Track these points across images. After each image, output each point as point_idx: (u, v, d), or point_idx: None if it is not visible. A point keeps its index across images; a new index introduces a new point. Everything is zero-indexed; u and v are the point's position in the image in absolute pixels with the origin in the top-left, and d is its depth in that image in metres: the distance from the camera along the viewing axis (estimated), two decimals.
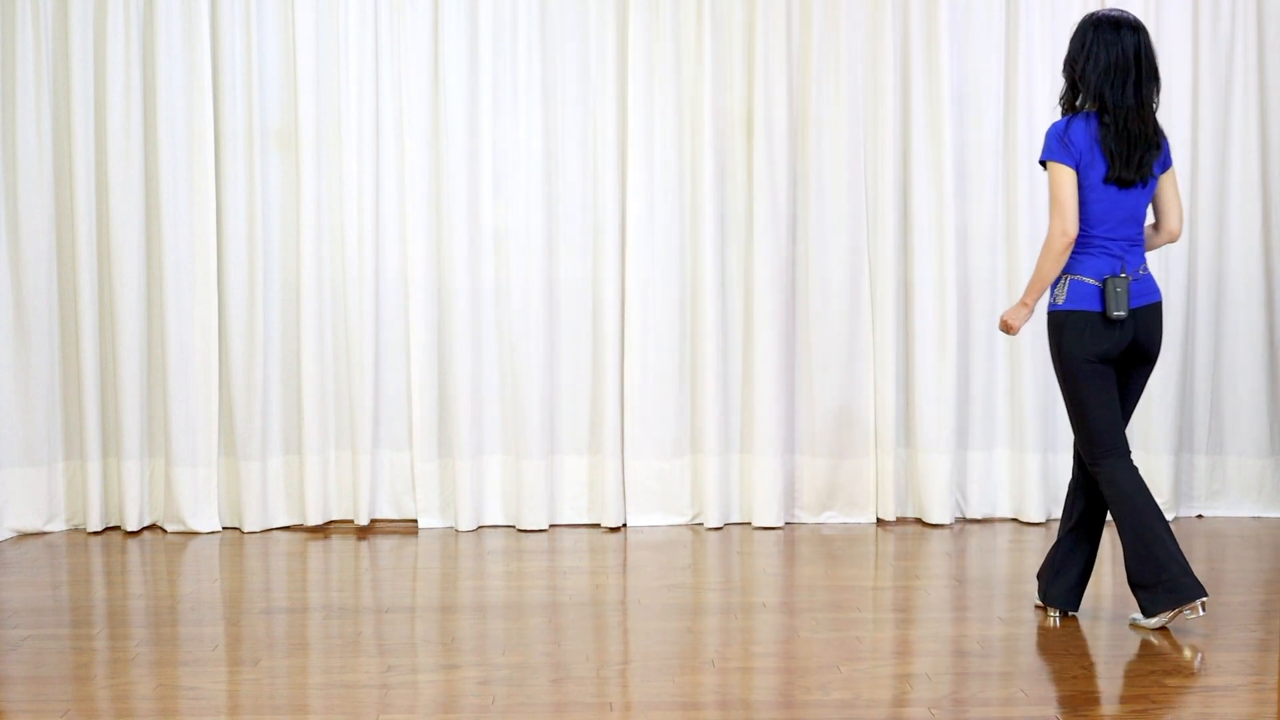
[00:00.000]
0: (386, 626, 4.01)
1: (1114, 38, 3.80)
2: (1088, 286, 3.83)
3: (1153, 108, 3.85)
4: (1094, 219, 3.84)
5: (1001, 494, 5.49)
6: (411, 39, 5.28)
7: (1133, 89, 3.79)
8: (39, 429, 5.29)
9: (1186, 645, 3.75)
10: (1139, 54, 3.81)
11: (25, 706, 3.31)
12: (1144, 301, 3.87)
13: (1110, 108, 3.79)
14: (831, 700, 3.32)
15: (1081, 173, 3.81)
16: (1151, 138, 3.82)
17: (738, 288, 5.40)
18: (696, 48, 5.32)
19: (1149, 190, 3.88)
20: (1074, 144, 3.80)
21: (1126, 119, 3.79)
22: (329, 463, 5.39)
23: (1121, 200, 3.83)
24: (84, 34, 5.21)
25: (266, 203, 5.32)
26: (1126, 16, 3.86)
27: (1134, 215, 3.87)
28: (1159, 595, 3.79)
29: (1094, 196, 3.82)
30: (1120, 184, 3.81)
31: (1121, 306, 3.79)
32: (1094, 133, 3.80)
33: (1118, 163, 3.79)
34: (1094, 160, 3.80)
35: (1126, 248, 3.86)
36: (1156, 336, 3.91)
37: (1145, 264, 3.91)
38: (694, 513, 5.45)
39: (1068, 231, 3.79)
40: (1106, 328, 3.82)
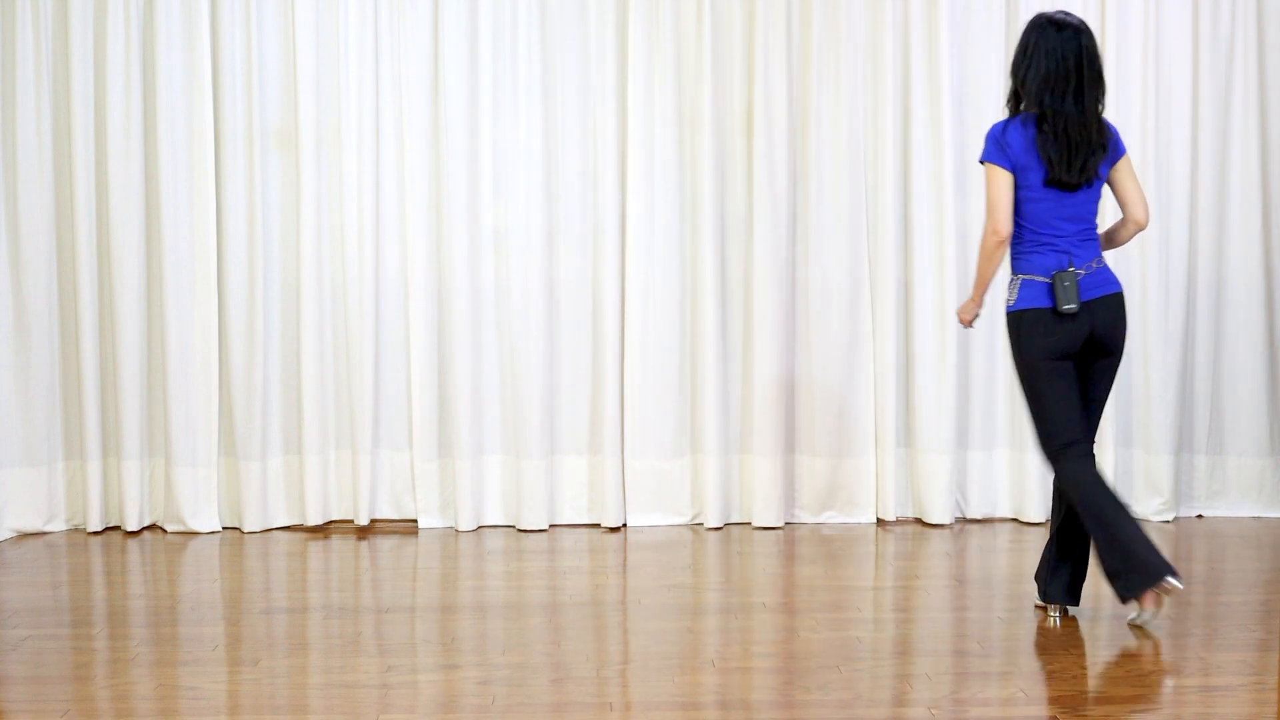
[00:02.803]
0: (386, 626, 4.01)
1: (1056, 43, 3.83)
2: (1038, 284, 3.88)
3: (1097, 111, 3.87)
4: (1038, 219, 3.89)
5: (1001, 494, 5.49)
6: (411, 39, 5.28)
7: (1073, 95, 3.82)
8: (39, 429, 5.29)
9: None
10: (1080, 59, 3.83)
11: (25, 706, 3.31)
12: (1098, 293, 3.89)
13: (1050, 114, 3.83)
14: (831, 700, 3.32)
15: (1020, 175, 3.86)
16: (1095, 140, 3.84)
17: (738, 288, 5.40)
18: (696, 48, 5.32)
19: (1096, 189, 3.92)
20: (1010, 147, 3.85)
21: (1066, 125, 3.82)
22: (329, 463, 5.40)
23: (1066, 201, 3.88)
24: (84, 34, 5.21)
25: (266, 203, 5.32)
26: (1070, 20, 3.88)
27: (1080, 214, 3.90)
28: (1133, 579, 3.80)
29: (1035, 197, 3.87)
30: (1062, 187, 3.86)
31: (1071, 300, 3.82)
32: (1031, 137, 3.84)
33: (1057, 167, 3.83)
34: (1032, 163, 3.85)
35: (1076, 243, 3.90)
36: (1117, 328, 3.92)
37: (1099, 257, 3.93)
38: (694, 513, 5.45)
39: (998, 231, 3.87)
40: (1060, 322, 3.85)
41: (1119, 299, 3.93)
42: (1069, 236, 3.89)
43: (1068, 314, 3.83)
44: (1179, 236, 5.41)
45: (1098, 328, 3.89)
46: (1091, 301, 3.87)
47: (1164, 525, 5.39)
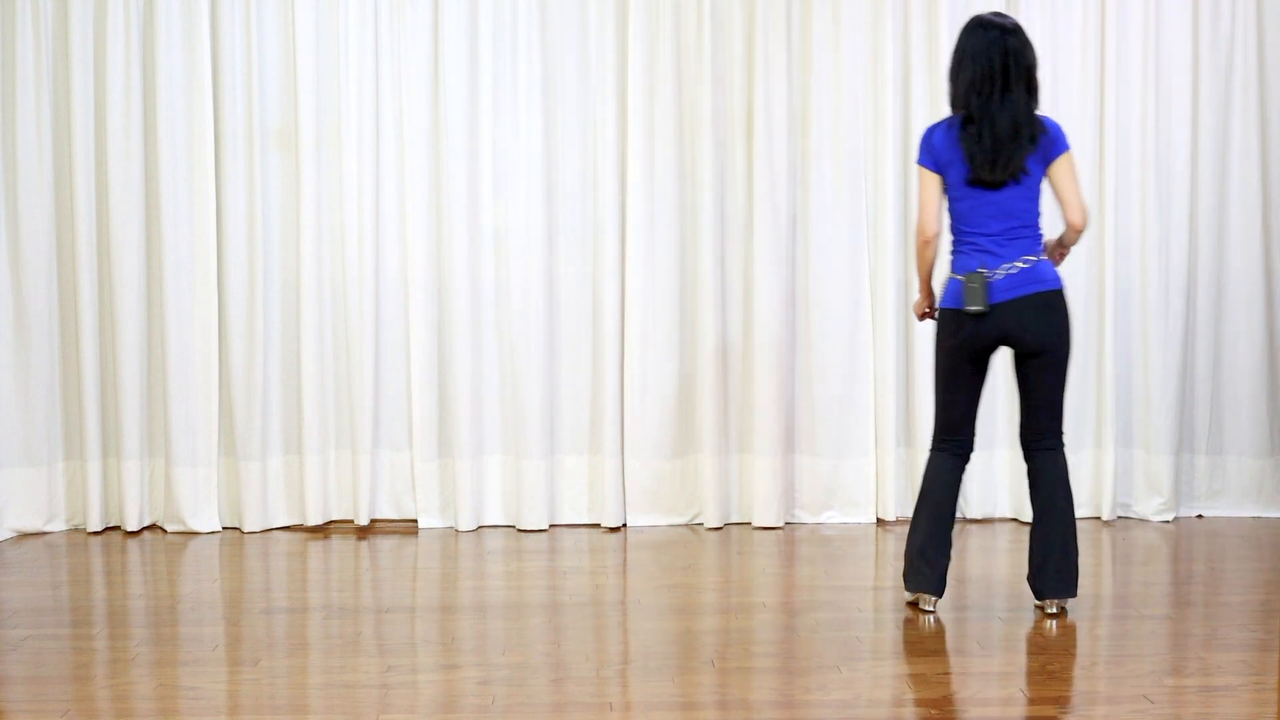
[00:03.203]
0: (386, 626, 4.01)
1: (982, 45, 3.88)
2: (956, 283, 3.95)
3: (1025, 108, 3.87)
4: (963, 218, 3.96)
5: (1001, 494, 5.49)
6: (411, 39, 5.28)
7: (999, 94, 3.86)
8: (39, 429, 5.29)
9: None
10: (1006, 59, 3.86)
11: (25, 706, 3.31)
12: (1016, 294, 3.89)
13: (975, 114, 3.87)
14: (831, 700, 3.32)
15: (945, 175, 3.94)
16: (1022, 136, 3.85)
17: (737, 288, 5.40)
18: (696, 47, 5.32)
19: (1028, 185, 3.91)
20: (934, 148, 3.94)
21: (993, 123, 3.85)
22: (329, 463, 5.40)
23: (990, 199, 3.91)
24: (84, 34, 5.21)
25: (266, 203, 5.32)
26: (998, 20, 3.91)
27: (1007, 212, 3.91)
28: (903, 572, 4.12)
29: (959, 195, 3.94)
30: (985, 185, 3.89)
31: (976, 302, 3.87)
32: (955, 137, 3.90)
33: (978, 165, 3.87)
34: (954, 162, 3.91)
35: (1003, 243, 3.92)
36: (1035, 328, 3.90)
37: (1029, 256, 3.92)
38: (693, 513, 5.45)
39: (923, 231, 3.99)
40: (968, 323, 3.91)
41: (1045, 298, 3.90)
42: (994, 235, 3.92)
43: (974, 315, 3.88)
44: (1179, 236, 5.41)
45: (1012, 329, 3.90)
46: (1007, 303, 3.89)
47: (1164, 525, 5.39)
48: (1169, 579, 4.60)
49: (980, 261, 3.92)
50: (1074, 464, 5.46)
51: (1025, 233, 3.94)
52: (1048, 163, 3.92)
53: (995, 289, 3.89)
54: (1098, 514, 5.47)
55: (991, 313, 3.89)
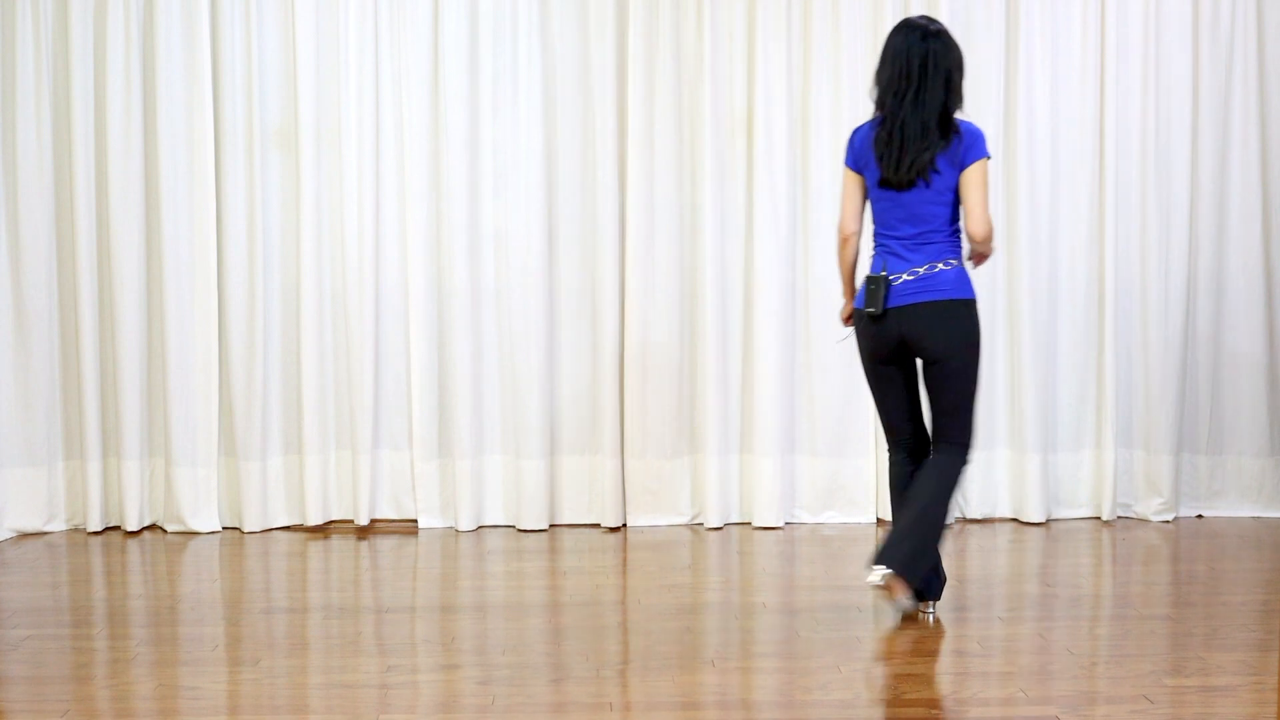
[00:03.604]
0: (386, 626, 4.01)
1: (902, 47, 3.89)
2: (864, 285, 3.97)
3: (939, 111, 3.85)
4: (878, 220, 3.98)
5: (1001, 494, 5.49)
6: (411, 39, 5.28)
7: (912, 96, 3.85)
8: (39, 429, 5.29)
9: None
10: (925, 61, 3.86)
11: (25, 706, 3.31)
12: (911, 300, 3.88)
13: (889, 116, 3.89)
14: (831, 700, 3.32)
15: (864, 175, 3.97)
16: (930, 136, 3.84)
17: (738, 287, 5.40)
18: (696, 48, 5.32)
19: (937, 188, 3.88)
20: (854, 149, 3.97)
21: (901, 125, 3.85)
22: (329, 463, 5.40)
23: (900, 201, 3.91)
24: (84, 34, 5.21)
25: (266, 203, 5.32)
26: (921, 23, 3.91)
27: (916, 215, 3.90)
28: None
29: (874, 197, 3.96)
30: (894, 186, 3.89)
31: (872, 304, 3.89)
32: (872, 138, 3.92)
33: (885, 167, 3.88)
34: (868, 163, 3.94)
35: (911, 246, 3.91)
36: (931, 336, 3.87)
37: (937, 262, 3.89)
38: (694, 513, 5.45)
39: (841, 230, 4.02)
40: (871, 325, 3.94)
41: (940, 307, 3.86)
42: (904, 239, 3.92)
43: (873, 316, 3.90)
44: (1179, 236, 5.42)
45: (908, 335, 3.90)
46: (901, 308, 3.88)
47: (1164, 525, 5.39)
48: (1169, 579, 4.60)
49: (884, 263, 3.92)
50: (1074, 464, 5.48)
51: (937, 238, 3.91)
52: (961, 167, 3.87)
53: (893, 293, 3.89)
54: (1098, 514, 5.47)
55: (886, 316, 3.89)
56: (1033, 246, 5.38)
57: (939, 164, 3.84)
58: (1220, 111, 5.42)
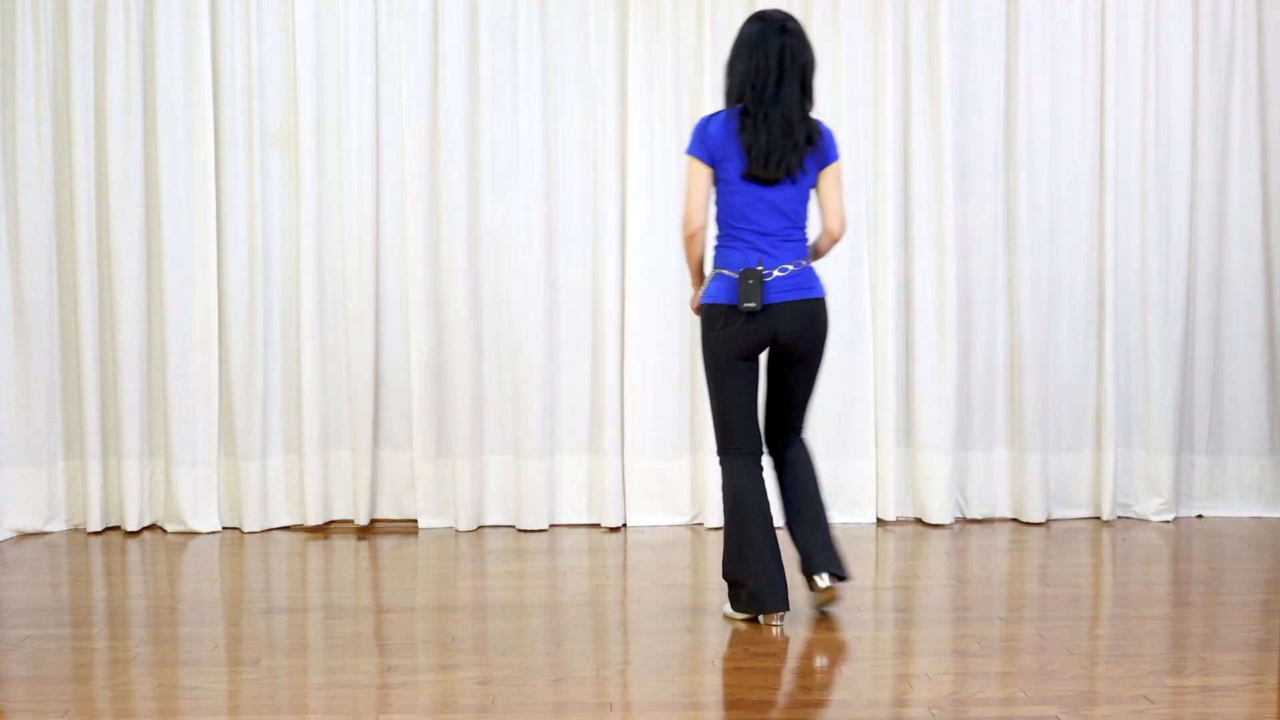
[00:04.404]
0: (386, 626, 4.01)
1: (759, 41, 3.87)
2: (727, 279, 3.91)
3: (800, 108, 3.87)
4: (736, 214, 3.91)
5: (1001, 494, 5.49)
6: (411, 39, 5.28)
7: (774, 90, 3.84)
8: (39, 429, 5.29)
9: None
10: (783, 57, 3.85)
11: (25, 706, 3.31)
12: (788, 297, 3.88)
13: (751, 109, 3.86)
14: (831, 700, 3.32)
15: (720, 168, 3.90)
16: (796, 136, 3.85)
17: None
18: (696, 47, 5.32)
19: (802, 186, 3.91)
20: (710, 140, 3.89)
21: (766, 119, 3.84)
22: (329, 463, 5.40)
23: (765, 196, 3.88)
24: (84, 34, 5.21)
25: (266, 203, 5.32)
26: (776, 18, 3.91)
27: (780, 211, 3.90)
28: (743, 598, 3.95)
29: (732, 189, 3.90)
30: (760, 181, 3.87)
31: (753, 299, 3.83)
32: (733, 129, 3.87)
33: (754, 161, 3.85)
34: (730, 156, 3.88)
35: (776, 243, 3.90)
36: (805, 335, 3.91)
37: (802, 259, 3.93)
38: (694, 513, 5.45)
39: (690, 223, 3.93)
40: (742, 321, 3.88)
41: (813, 305, 3.91)
42: (768, 234, 3.90)
43: (749, 313, 3.85)
44: (1179, 237, 5.42)
45: (782, 332, 3.90)
46: (779, 305, 3.88)
47: (1164, 525, 5.39)
48: (1169, 579, 4.60)
49: (755, 259, 3.88)
50: (1074, 464, 5.48)
51: (797, 235, 3.94)
52: (822, 167, 3.93)
53: (769, 289, 3.87)
54: (1098, 514, 5.47)
55: (764, 312, 3.87)
56: (1033, 246, 5.38)
57: (807, 164, 3.89)
58: (1220, 111, 5.42)
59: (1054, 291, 5.44)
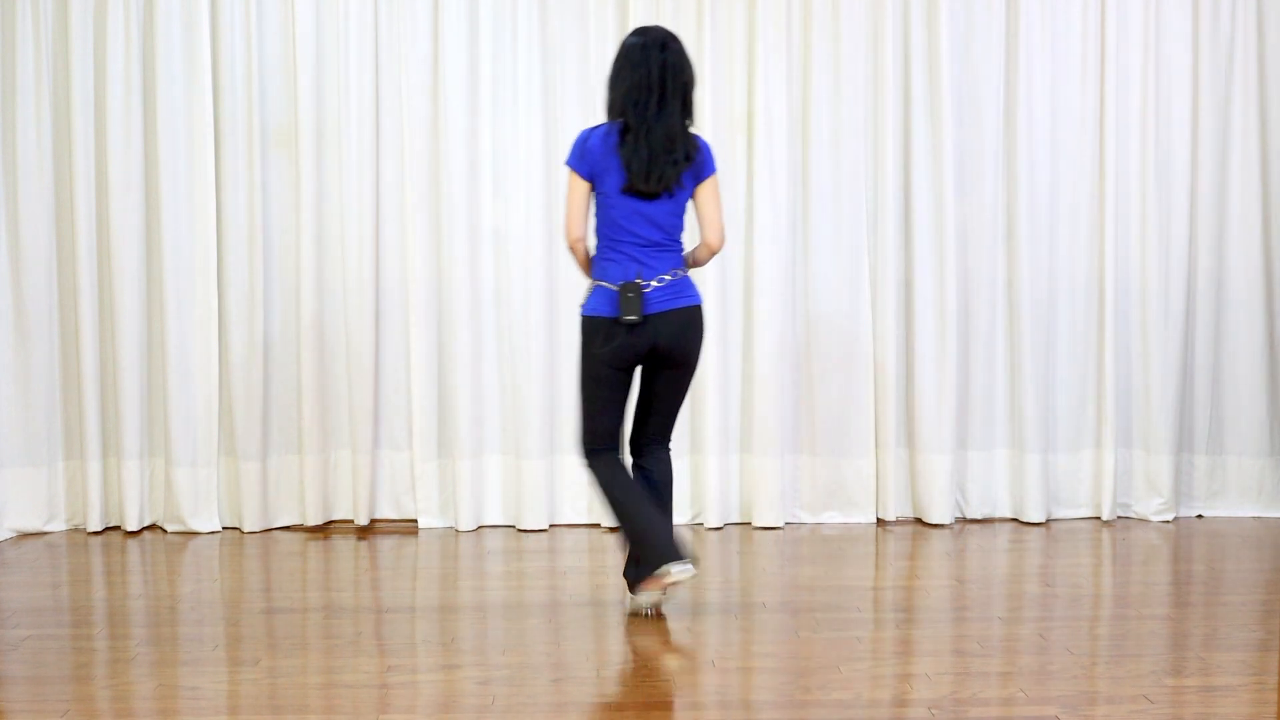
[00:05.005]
0: (386, 626, 4.01)
1: (641, 58, 3.93)
2: (607, 292, 3.96)
3: (680, 123, 3.93)
4: (615, 226, 3.97)
5: (1001, 494, 5.49)
6: (411, 39, 5.28)
7: (655, 107, 3.90)
8: (39, 429, 5.29)
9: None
10: (664, 73, 3.91)
11: (25, 706, 3.31)
12: (666, 307, 3.95)
13: (633, 124, 3.91)
14: (831, 700, 3.32)
15: (599, 181, 3.96)
16: (676, 152, 3.91)
17: (737, 287, 5.40)
18: (696, 47, 5.32)
19: (678, 200, 3.98)
20: (590, 153, 3.95)
21: (648, 134, 3.89)
22: (329, 463, 5.40)
23: (642, 209, 3.94)
24: (84, 34, 5.21)
25: (266, 203, 5.32)
26: (658, 35, 3.96)
27: (658, 224, 3.96)
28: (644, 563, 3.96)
29: (611, 203, 3.96)
30: (639, 195, 3.92)
31: (633, 311, 3.90)
32: (613, 144, 3.92)
33: (634, 175, 3.90)
34: (610, 169, 3.93)
35: (653, 254, 3.96)
36: (682, 341, 3.98)
37: (678, 270, 3.99)
38: (694, 513, 5.45)
39: (569, 234, 3.99)
40: (621, 332, 3.93)
41: (690, 313, 3.99)
42: (646, 246, 3.96)
43: (629, 325, 3.91)
44: (1179, 237, 5.42)
45: (662, 341, 3.96)
46: (658, 315, 3.94)
47: (1164, 525, 5.39)
48: (1169, 579, 4.60)
49: (635, 271, 3.94)
50: (1074, 464, 5.48)
51: (673, 246, 4.01)
52: (698, 181, 3.99)
53: (648, 300, 3.93)
54: (1098, 514, 5.47)
55: (645, 323, 3.93)
56: (1033, 246, 5.38)
57: (684, 179, 3.95)
58: (1220, 111, 5.42)
59: (1054, 291, 5.44)
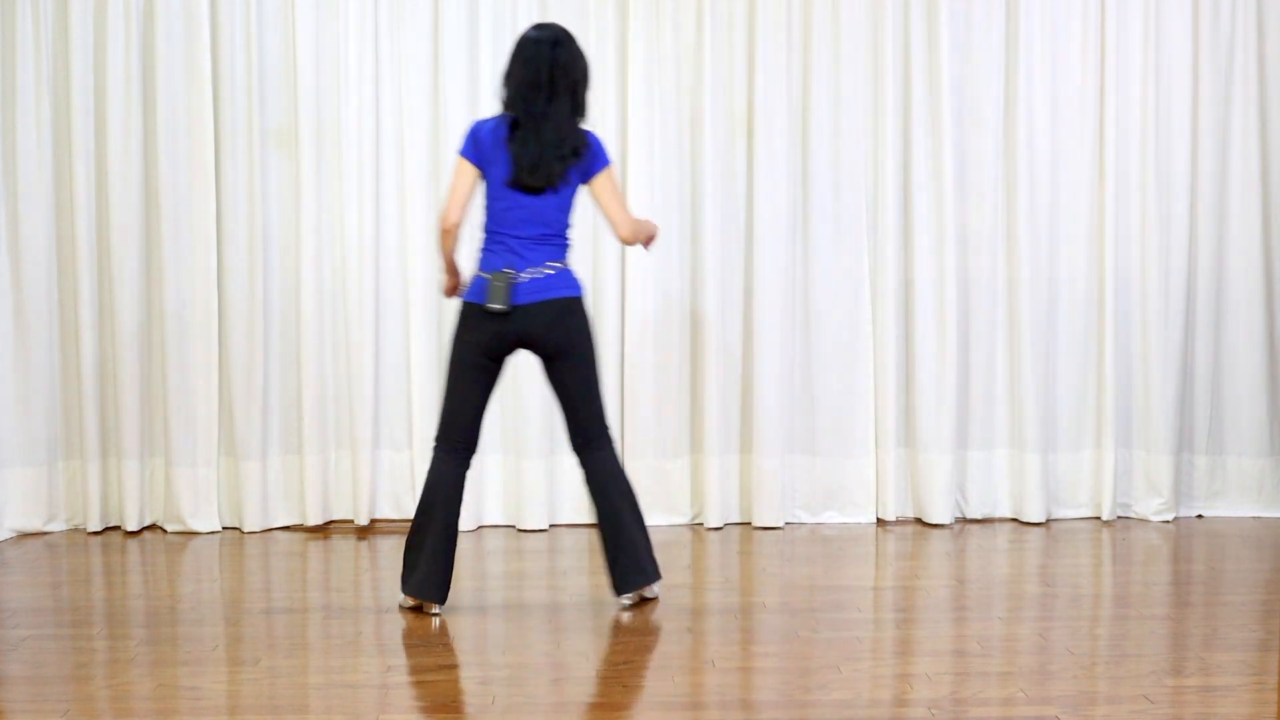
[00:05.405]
0: (386, 626, 4.01)
1: (533, 53, 3.98)
2: (482, 280, 4.01)
3: (569, 119, 3.96)
4: (497, 218, 4.03)
5: (1001, 494, 5.49)
6: (411, 38, 5.28)
7: (544, 103, 3.94)
8: (39, 429, 5.29)
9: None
10: (553, 70, 3.95)
11: (25, 706, 3.31)
12: (537, 298, 3.98)
13: (522, 119, 3.95)
14: (831, 700, 3.32)
15: (486, 172, 4.00)
16: (564, 147, 3.94)
17: (738, 287, 5.40)
18: (696, 47, 5.32)
19: (563, 195, 4.02)
20: (480, 144, 4.00)
21: (536, 130, 3.93)
22: (329, 463, 5.39)
23: (526, 203, 3.99)
24: (84, 34, 5.21)
25: (266, 203, 5.31)
26: (549, 33, 4.00)
27: (541, 218, 4.01)
28: (410, 580, 4.10)
29: (497, 195, 4.01)
30: (524, 189, 3.97)
31: (498, 300, 3.94)
32: (503, 137, 3.97)
33: (520, 170, 3.94)
34: (497, 161, 3.98)
35: (531, 246, 4.00)
36: (555, 333, 4.01)
37: (556, 262, 4.03)
38: (694, 513, 5.45)
39: (446, 219, 4.02)
40: (488, 321, 3.98)
41: (564, 304, 4.01)
42: (524, 239, 4.00)
43: (496, 314, 3.94)
44: (1179, 237, 5.42)
45: (533, 332, 4.00)
46: (528, 305, 3.98)
47: (1164, 525, 5.39)
48: (1169, 579, 4.60)
49: (508, 262, 3.99)
50: (1074, 464, 5.47)
51: (555, 240, 4.05)
52: (587, 177, 4.04)
53: (519, 291, 3.97)
54: (1098, 514, 5.47)
55: (512, 313, 3.96)
56: (1033, 246, 5.38)
57: (570, 175, 3.99)
58: (1220, 111, 5.42)
59: (1054, 291, 5.44)
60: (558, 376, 4.10)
